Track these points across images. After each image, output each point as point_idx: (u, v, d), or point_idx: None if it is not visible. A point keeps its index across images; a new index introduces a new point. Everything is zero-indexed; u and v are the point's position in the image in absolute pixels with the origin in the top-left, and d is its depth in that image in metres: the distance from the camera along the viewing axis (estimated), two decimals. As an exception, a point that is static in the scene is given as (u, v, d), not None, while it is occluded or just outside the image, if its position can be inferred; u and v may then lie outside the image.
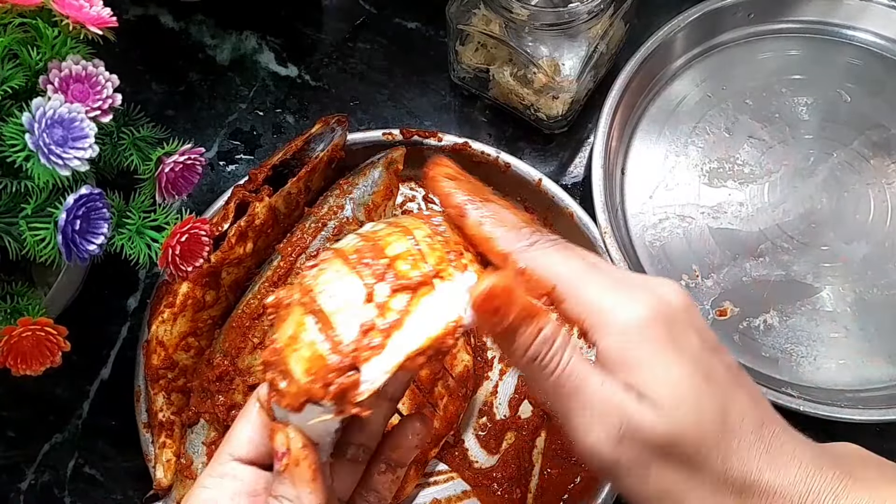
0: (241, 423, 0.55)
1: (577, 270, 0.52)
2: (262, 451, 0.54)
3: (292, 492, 0.51)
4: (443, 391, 0.82)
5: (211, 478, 0.54)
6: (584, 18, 0.85)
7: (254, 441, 0.54)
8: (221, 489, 0.53)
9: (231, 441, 0.55)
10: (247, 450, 0.54)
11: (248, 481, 0.54)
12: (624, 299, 0.51)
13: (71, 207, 0.60)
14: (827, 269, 0.90)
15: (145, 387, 0.80)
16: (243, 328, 0.79)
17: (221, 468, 0.54)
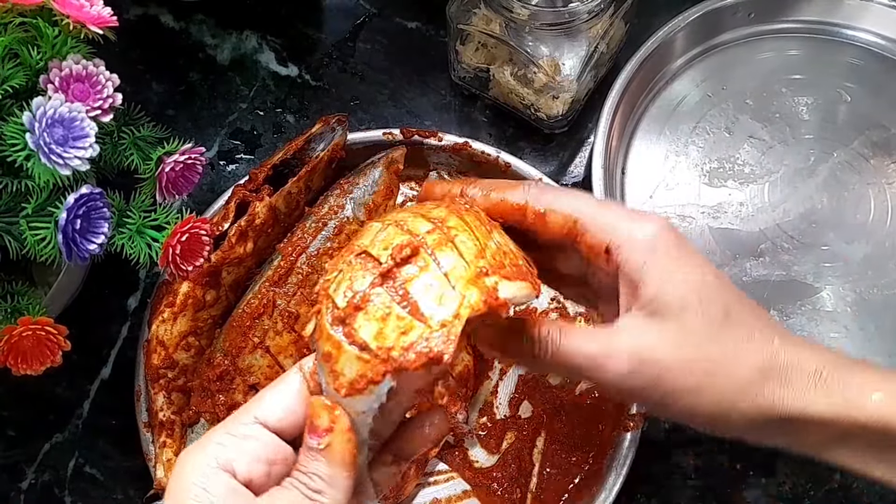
0: (275, 390, 0.55)
1: (591, 204, 0.59)
2: (291, 424, 0.54)
3: (327, 471, 0.52)
4: (443, 391, 0.82)
5: (229, 436, 0.53)
6: (584, 18, 0.85)
7: (285, 409, 0.54)
8: (240, 450, 0.52)
9: (261, 404, 0.54)
10: (276, 416, 0.54)
11: (269, 446, 0.53)
12: (639, 221, 0.58)
13: (71, 207, 0.60)
14: (827, 268, 0.90)
15: (145, 386, 0.80)
16: (244, 328, 0.79)
17: (244, 429, 0.53)
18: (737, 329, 0.57)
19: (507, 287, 0.53)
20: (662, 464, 0.85)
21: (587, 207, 0.59)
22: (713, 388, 0.55)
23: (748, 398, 0.55)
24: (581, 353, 0.56)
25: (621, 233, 0.57)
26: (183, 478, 0.51)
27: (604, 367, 0.56)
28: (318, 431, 0.52)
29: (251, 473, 0.52)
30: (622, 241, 0.57)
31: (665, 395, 0.56)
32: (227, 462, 0.52)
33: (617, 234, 0.57)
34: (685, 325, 0.56)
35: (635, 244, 0.57)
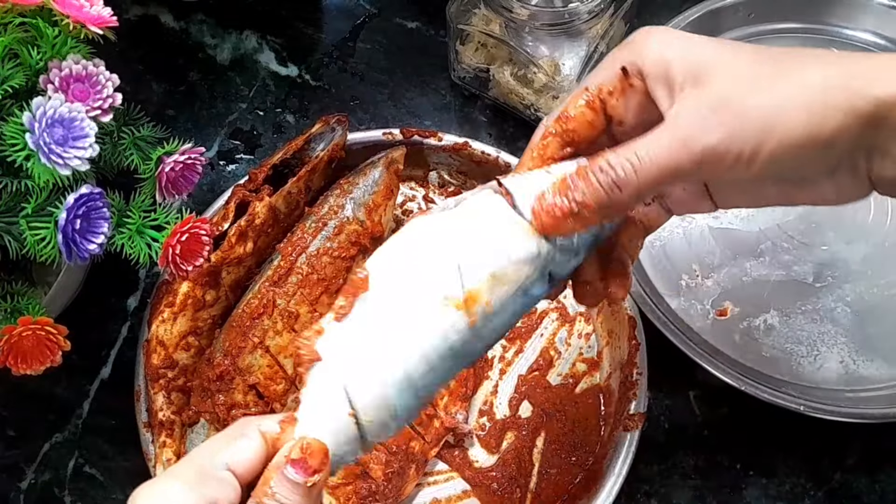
0: (239, 441, 0.55)
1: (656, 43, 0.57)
2: (250, 475, 0.55)
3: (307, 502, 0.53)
4: (443, 391, 0.82)
5: (193, 472, 0.53)
6: (584, 18, 0.85)
7: (251, 461, 0.54)
8: (220, 492, 0.53)
9: (229, 452, 0.54)
10: (243, 467, 0.54)
11: (238, 494, 0.54)
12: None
13: (71, 207, 0.60)
14: (827, 269, 0.90)
15: (145, 386, 0.80)
16: (243, 327, 0.79)
17: (218, 473, 0.53)
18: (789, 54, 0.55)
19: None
20: (662, 464, 0.85)
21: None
22: (797, 88, 0.52)
23: (838, 86, 0.51)
24: (660, 153, 0.53)
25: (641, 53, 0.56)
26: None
27: (687, 148, 0.53)
28: (309, 470, 0.53)
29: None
30: (643, 58, 0.56)
31: (759, 127, 0.52)
32: (212, 500, 0.52)
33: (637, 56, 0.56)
34: (735, 62, 0.54)
35: (650, 52, 0.56)
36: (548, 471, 0.83)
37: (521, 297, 0.56)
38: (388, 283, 0.55)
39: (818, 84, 0.51)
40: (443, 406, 0.82)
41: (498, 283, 0.55)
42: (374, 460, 0.78)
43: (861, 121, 0.51)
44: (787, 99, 0.51)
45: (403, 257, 0.56)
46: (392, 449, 0.79)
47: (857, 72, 0.51)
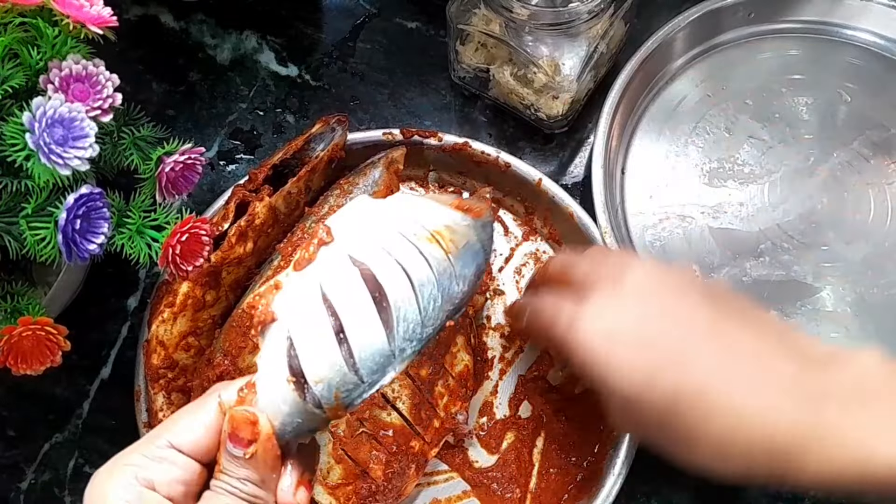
0: (190, 417, 0.56)
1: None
2: (203, 450, 0.56)
3: (256, 476, 0.55)
4: (443, 391, 0.82)
5: (145, 458, 0.54)
6: (584, 18, 0.85)
7: (199, 437, 0.56)
8: (160, 472, 0.54)
9: (175, 432, 0.56)
10: (190, 446, 0.55)
11: (186, 470, 0.55)
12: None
13: (71, 207, 0.60)
14: (827, 269, 0.90)
15: (145, 386, 0.80)
16: (244, 328, 0.79)
17: (159, 452, 0.55)
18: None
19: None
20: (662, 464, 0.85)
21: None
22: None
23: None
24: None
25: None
26: (107, 497, 0.53)
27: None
28: (243, 442, 0.54)
29: (171, 494, 0.54)
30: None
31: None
32: (147, 481, 0.53)
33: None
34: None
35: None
36: (548, 471, 0.83)
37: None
38: (351, 233, 0.57)
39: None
40: (442, 406, 0.82)
41: (453, 233, 0.59)
42: (374, 460, 0.78)
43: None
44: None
45: (367, 215, 0.59)
46: (392, 449, 0.79)
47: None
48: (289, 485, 0.56)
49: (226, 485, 0.54)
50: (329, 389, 0.55)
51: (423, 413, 0.81)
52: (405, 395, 0.80)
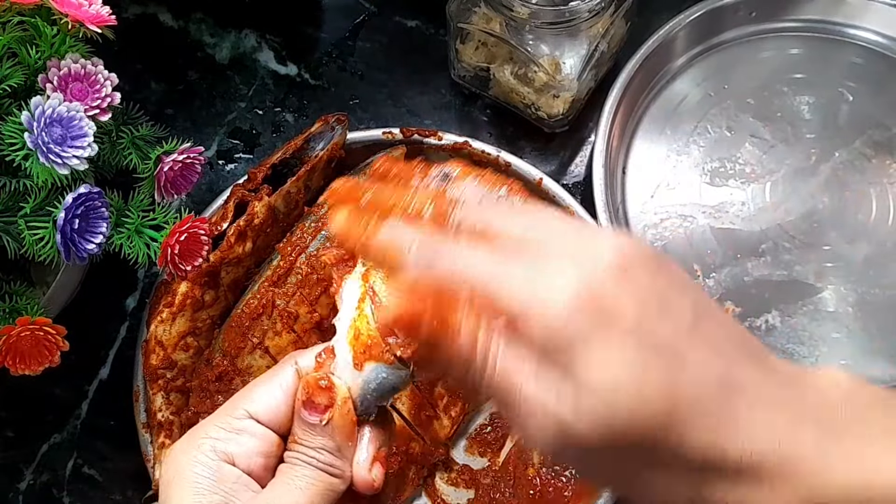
0: (267, 385, 0.56)
1: (487, 267, 0.48)
2: (280, 418, 0.55)
3: (332, 444, 0.53)
4: (443, 391, 0.82)
5: (224, 431, 0.54)
6: (585, 17, 0.84)
7: (277, 405, 0.55)
8: (239, 444, 0.53)
9: (252, 399, 0.55)
10: (268, 414, 0.54)
11: (265, 440, 0.54)
12: (544, 284, 0.46)
13: (70, 206, 0.60)
14: (829, 268, 0.89)
15: (144, 387, 0.79)
16: (243, 328, 0.79)
17: (238, 423, 0.54)
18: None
19: None
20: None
21: (482, 271, 0.48)
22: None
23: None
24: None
25: (523, 304, 0.46)
26: (184, 473, 0.52)
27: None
28: (319, 408, 0.53)
29: (250, 466, 0.53)
30: (523, 316, 0.46)
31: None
32: (227, 455, 0.52)
33: (518, 308, 0.46)
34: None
35: (537, 320, 0.45)
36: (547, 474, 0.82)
37: None
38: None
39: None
40: (442, 407, 0.81)
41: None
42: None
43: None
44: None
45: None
46: (392, 450, 0.79)
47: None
48: (365, 458, 0.55)
49: (302, 455, 0.53)
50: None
51: (423, 414, 0.80)
52: (405, 395, 0.79)
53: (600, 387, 0.44)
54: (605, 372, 0.44)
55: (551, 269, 0.46)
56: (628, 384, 0.44)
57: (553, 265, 0.46)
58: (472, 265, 0.48)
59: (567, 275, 0.45)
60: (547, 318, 0.45)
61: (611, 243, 0.47)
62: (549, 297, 0.45)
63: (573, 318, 0.44)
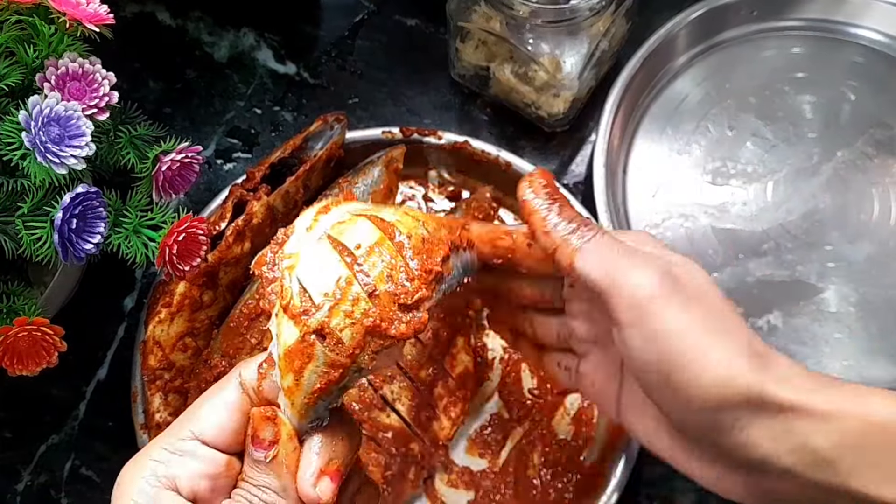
0: (212, 403, 0.54)
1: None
2: (229, 437, 0.53)
3: (276, 483, 0.51)
4: (442, 392, 0.81)
5: (168, 452, 0.52)
6: (585, 15, 0.84)
7: (223, 424, 0.53)
8: (181, 467, 0.52)
9: (197, 419, 0.53)
10: (213, 433, 0.53)
11: (210, 462, 0.52)
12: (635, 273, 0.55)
13: (67, 206, 0.60)
14: (831, 268, 0.89)
15: (142, 387, 0.79)
16: (241, 328, 0.78)
17: (181, 444, 0.52)
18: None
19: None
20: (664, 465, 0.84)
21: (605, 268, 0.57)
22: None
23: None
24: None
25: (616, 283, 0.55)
26: (122, 498, 0.51)
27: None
28: (263, 444, 0.52)
29: (194, 489, 0.52)
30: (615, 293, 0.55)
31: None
32: (169, 479, 0.51)
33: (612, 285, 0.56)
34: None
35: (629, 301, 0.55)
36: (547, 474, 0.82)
37: None
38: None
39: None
40: (442, 407, 0.81)
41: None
42: (373, 462, 0.77)
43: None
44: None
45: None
46: (391, 451, 0.78)
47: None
48: (310, 472, 0.52)
49: (245, 493, 0.52)
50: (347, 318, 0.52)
51: (423, 415, 0.80)
52: (405, 396, 0.79)
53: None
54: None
55: (641, 262, 0.57)
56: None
57: (643, 258, 0.58)
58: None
59: (653, 270, 0.56)
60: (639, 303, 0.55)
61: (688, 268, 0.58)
62: (642, 283, 0.55)
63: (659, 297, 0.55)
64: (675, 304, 0.54)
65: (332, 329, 0.52)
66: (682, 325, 0.53)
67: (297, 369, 0.52)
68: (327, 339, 0.52)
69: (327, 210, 0.59)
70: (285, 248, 0.56)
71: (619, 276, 0.55)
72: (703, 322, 0.54)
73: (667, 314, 0.53)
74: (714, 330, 0.54)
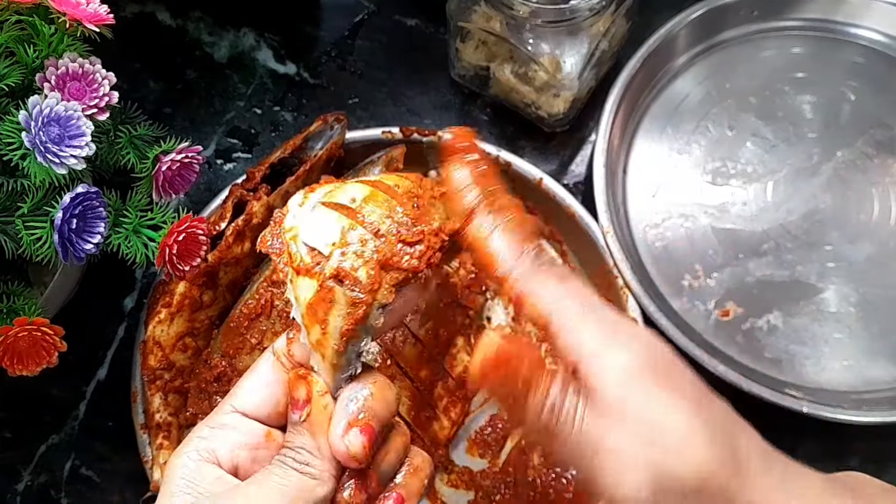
0: (249, 377, 0.56)
1: (572, 311, 0.53)
2: (268, 408, 0.54)
3: (311, 442, 0.52)
4: (442, 392, 0.81)
5: (209, 428, 0.54)
6: (585, 15, 0.84)
7: (261, 395, 0.54)
8: (221, 440, 0.53)
9: (236, 394, 0.55)
10: (253, 404, 0.54)
11: (249, 433, 0.54)
12: (618, 347, 0.52)
13: (67, 206, 0.60)
14: (831, 269, 0.89)
15: (142, 387, 0.79)
16: (241, 328, 0.78)
17: (222, 418, 0.54)
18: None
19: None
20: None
21: (566, 311, 0.53)
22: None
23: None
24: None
25: (597, 358, 0.52)
26: (170, 475, 0.52)
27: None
28: (298, 404, 0.53)
29: (235, 461, 0.53)
30: (595, 370, 0.52)
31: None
32: (209, 452, 0.52)
33: (590, 361, 0.52)
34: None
35: (611, 377, 0.51)
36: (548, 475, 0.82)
37: None
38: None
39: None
40: (442, 408, 0.81)
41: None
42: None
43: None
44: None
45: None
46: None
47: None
48: (341, 424, 0.52)
49: (282, 456, 0.52)
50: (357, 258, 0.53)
51: (423, 415, 0.80)
52: (405, 396, 0.79)
53: (684, 445, 0.50)
54: (684, 431, 0.50)
55: (624, 339, 0.53)
56: (703, 442, 0.50)
57: (626, 336, 0.53)
58: (561, 300, 0.54)
59: (637, 348, 0.53)
60: (624, 380, 0.51)
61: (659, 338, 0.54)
62: (625, 361, 0.52)
63: (646, 383, 0.52)
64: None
65: (348, 271, 0.52)
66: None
67: (322, 318, 0.53)
68: (345, 281, 0.52)
69: (313, 189, 0.59)
70: (284, 223, 0.57)
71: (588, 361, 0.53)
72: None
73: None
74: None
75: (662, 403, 0.51)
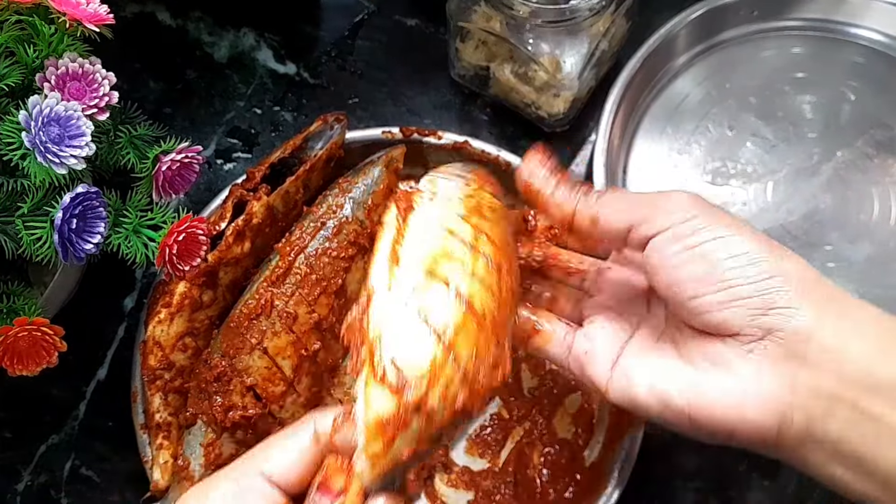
0: (283, 445, 0.56)
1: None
2: (292, 479, 0.55)
3: None
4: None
5: (234, 484, 0.54)
6: (585, 15, 0.84)
7: (292, 468, 0.55)
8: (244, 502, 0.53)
9: (269, 458, 0.55)
10: (281, 474, 0.55)
11: (272, 503, 0.54)
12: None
13: (67, 206, 0.60)
14: (831, 269, 0.89)
15: (142, 387, 0.79)
16: (241, 328, 0.78)
17: (248, 481, 0.54)
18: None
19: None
20: (665, 465, 0.85)
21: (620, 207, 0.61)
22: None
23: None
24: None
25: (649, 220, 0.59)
26: None
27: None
28: (332, 493, 0.53)
29: None
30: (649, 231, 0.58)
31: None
32: None
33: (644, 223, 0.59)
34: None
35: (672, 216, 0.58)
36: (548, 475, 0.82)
37: None
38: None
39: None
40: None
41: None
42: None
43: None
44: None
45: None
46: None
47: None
48: None
49: None
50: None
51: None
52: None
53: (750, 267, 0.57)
54: (750, 251, 0.58)
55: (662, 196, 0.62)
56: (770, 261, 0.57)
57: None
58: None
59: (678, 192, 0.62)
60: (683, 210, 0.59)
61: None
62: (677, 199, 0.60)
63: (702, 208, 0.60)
64: (717, 216, 0.57)
65: (429, 407, 0.53)
66: (730, 232, 0.56)
67: (389, 438, 0.54)
68: (422, 414, 0.53)
69: (397, 261, 0.59)
70: (370, 313, 0.57)
71: (649, 209, 0.58)
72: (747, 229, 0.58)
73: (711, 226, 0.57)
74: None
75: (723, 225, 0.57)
